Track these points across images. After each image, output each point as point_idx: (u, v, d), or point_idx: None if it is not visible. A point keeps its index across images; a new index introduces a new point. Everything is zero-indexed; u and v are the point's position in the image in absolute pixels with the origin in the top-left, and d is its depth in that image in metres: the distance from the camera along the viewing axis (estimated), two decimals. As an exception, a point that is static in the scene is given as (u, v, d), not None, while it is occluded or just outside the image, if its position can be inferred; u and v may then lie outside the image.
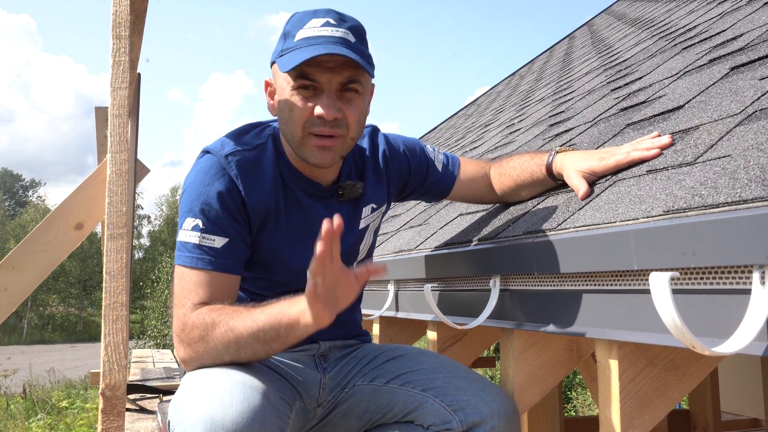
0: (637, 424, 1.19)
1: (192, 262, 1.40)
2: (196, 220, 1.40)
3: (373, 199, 1.63)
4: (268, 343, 1.31)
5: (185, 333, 1.34)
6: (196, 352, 1.34)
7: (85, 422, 8.91)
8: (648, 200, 1.17)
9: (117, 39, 1.90)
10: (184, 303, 1.38)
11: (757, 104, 1.33)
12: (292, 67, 1.34)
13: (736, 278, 0.92)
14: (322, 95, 1.38)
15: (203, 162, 1.44)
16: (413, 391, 1.50)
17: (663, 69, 2.44)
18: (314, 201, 1.53)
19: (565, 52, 7.12)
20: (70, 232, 2.41)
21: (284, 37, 1.42)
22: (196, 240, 1.40)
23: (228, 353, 1.32)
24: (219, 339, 1.32)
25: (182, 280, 1.40)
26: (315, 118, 1.38)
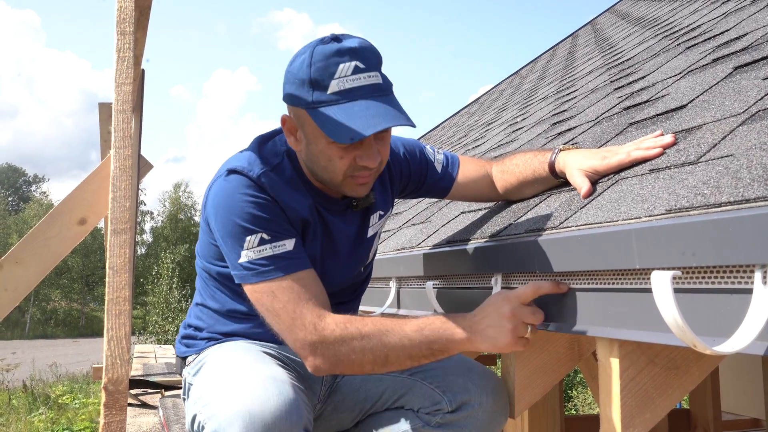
0: (637, 422, 1.20)
1: (279, 273, 1.38)
2: (258, 235, 1.38)
3: (380, 207, 1.66)
4: (417, 359, 1.35)
5: (326, 346, 1.33)
6: (339, 363, 1.34)
7: (86, 417, 8.94)
8: (650, 199, 1.17)
9: (121, 35, 1.91)
10: (302, 314, 1.35)
11: (761, 104, 1.33)
12: (350, 141, 1.30)
13: (738, 278, 0.92)
14: (361, 146, 1.38)
15: (236, 182, 1.42)
16: (401, 376, 1.54)
17: (666, 68, 2.44)
18: (333, 216, 1.55)
19: (568, 51, 7.12)
20: (74, 227, 2.42)
21: (311, 85, 1.34)
22: (270, 252, 1.38)
23: (375, 363, 1.34)
24: (370, 353, 1.33)
25: (277, 297, 1.37)
26: (357, 166, 1.40)
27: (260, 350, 1.49)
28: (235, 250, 1.40)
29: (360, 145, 1.38)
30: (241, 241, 1.38)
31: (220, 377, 1.34)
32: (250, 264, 1.38)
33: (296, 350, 1.37)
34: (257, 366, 1.34)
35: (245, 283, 1.41)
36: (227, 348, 1.52)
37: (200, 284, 1.67)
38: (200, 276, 1.66)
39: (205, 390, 1.35)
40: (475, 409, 1.49)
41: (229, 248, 1.42)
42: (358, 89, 1.33)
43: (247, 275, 1.40)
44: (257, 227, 1.38)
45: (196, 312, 1.68)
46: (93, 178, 2.45)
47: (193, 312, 1.69)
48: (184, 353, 1.66)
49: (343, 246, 1.57)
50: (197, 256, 1.66)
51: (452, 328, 1.34)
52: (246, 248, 1.38)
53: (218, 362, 1.45)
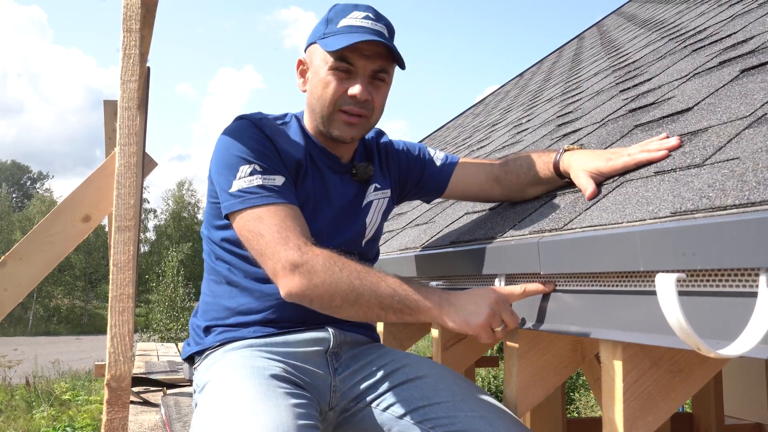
0: (640, 425, 1.19)
1: (267, 200, 1.44)
2: (251, 165, 1.47)
3: (377, 180, 1.73)
4: (386, 310, 1.35)
5: (307, 265, 1.34)
6: (314, 288, 1.34)
7: (88, 414, 8.95)
8: (655, 201, 1.17)
9: (127, 32, 1.91)
10: (287, 235, 1.38)
11: (767, 107, 1.32)
12: (335, 48, 1.48)
13: (743, 281, 0.91)
14: (356, 78, 1.53)
15: (239, 123, 1.56)
16: (424, 426, 1.47)
17: (672, 70, 2.43)
18: (332, 173, 1.64)
19: (574, 53, 7.11)
20: (78, 224, 2.42)
21: (326, 22, 1.56)
22: (260, 181, 1.46)
23: (346, 300, 1.34)
24: (345, 282, 1.33)
25: (263, 220, 1.41)
26: (347, 97, 1.53)
27: (266, 374, 1.40)
28: (228, 180, 1.47)
29: (356, 77, 1.53)
30: (234, 170, 1.47)
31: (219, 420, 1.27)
32: (240, 192, 1.45)
33: (274, 271, 1.37)
34: (259, 408, 1.25)
35: (233, 212, 1.45)
36: (230, 370, 1.43)
37: (207, 268, 1.68)
38: (206, 258, 1.68)
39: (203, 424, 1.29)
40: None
41: (222, 179, 1.48)
42: (364, 27, 1.52)
43: (235, 203, 1.45)
44: (251, 158, 1.48)
45: (203, 298, 1.68)
46: (97, 175, 2.45)
47: (200, 302, 1.70)
48: (188, 352, 1.64)
49: (337, 200, 1.63)
50: (204, 236, 1.69)
51: (428, 292, 1.36)
52: (238, 177, 1.46)
53: (220, 392, 1.37)
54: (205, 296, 1.67)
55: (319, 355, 1.56)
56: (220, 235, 1.60)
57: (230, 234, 1.55)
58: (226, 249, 1.59)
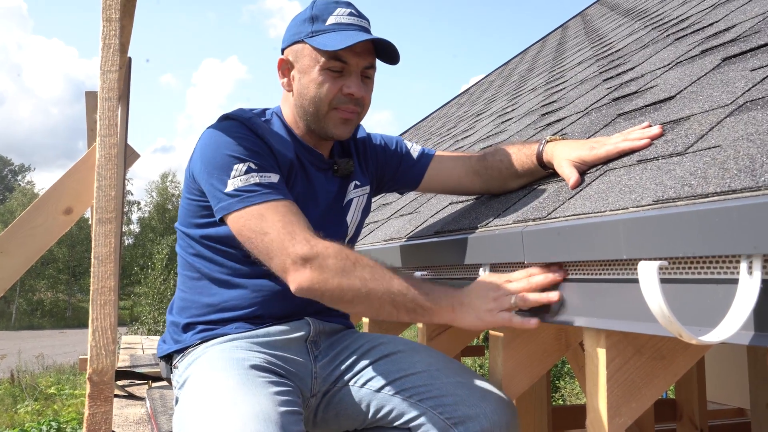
0: (624, 412, 1.20)
1: (267, 197, 1.40)
2: (246, 163, 1.44)
3: (357, 177, 1.73)
4: (398, 308, 1.33)
5: (319, 258, 1.31)
6: (325, 282, 1.31)
7: (73, 408, 8.90)
8: (638, 190, 1.18)
9: (107, 21, 1.88)
10: (294, 230, 1.35)
11: (748, 95, 1.33)
12: (337, 48, 1.46)
13: (724, 268, 0.92)
14: (350, 76, 1.53)
15: (228, 123, 1.52)
16: (410, 400, 1.48)
17: (655, 59, 2.44)
18: (316, 171, 1.64)
19: (558, 42, 7.12)
20: (59, 216, 2.39)
21: (312, 20, 1.53)
22: (257, 179, 1.42)
23: (358, 295, 1.32)
24: (357, 276, 1.31)
25: (266, 217, 1.37)
26: (342, 96, 1.53)
27: (246, 364, 1.41)
28: (222, 180, 1.42)
29: (348, 75, 1.52)
30: (228, 170, 1.43)
31: (199, 411, 1.28)
32: (236, 191, 1.41)
33: (283, 266, 1.34)
34: (239, 397, 1.27)
35: (230, 212, 1.41)
36: (210, 364, 1.44)
37: (181, 264, 1.65)
38: (181, 252, 1.64)
39: (185, 420, 1.30)
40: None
41: (215, 180, 1.43)
42: (353, 25, 1.53)
43: (232, 203, 1.40)
44: (246, 156, 1.44)
45: (178, 295, 1.66)
46: (79, 167, 2.42)
47: (175, 298, 1.67)
48: (166, 351, 1.62)
49: (322, 198, 1.63)
50: (178, 230, 1.65)
51: (440, 293, 1.36)
52: (233, 176, 1.42)
53: (200, 385, 1.38)
54: (181, 292, 1.64)
55: (299, 343, 1.58)
56: (200, 233, 1.56)
57: (213, 231, 1.53)
58: (207, 246, 1.57)
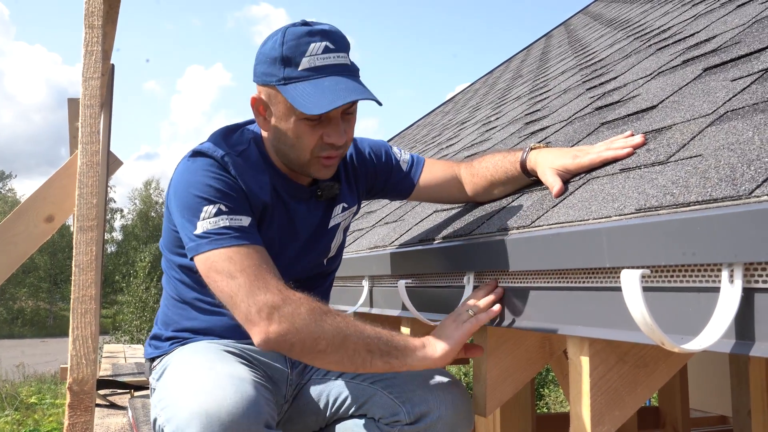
0: (607, 420, 1.20)
1: (236, 241, 1.35)
2: (216, 205, 1.38)
3: (345, 199, 1.67)
4: (373, 354, 1.30)
5: (289, 308, 1.26)
6: (297, 332, 1.26)
7: (54, 418, 8.79)
8: (621, 198, 1.18)
9: (90, 28, 1.87)
10: (264, 277, 1.30)
11: (729, 105, 1.35)
12: (312, 114, 1.34)
13: (706, 276, 0.93)
14: (329, 123, 1.42)
15: (201, 162, 1.43)
16: (363, 384, 1.53)
17: (638, 69, 2.46)
18: (296, 202, 1.56)
19: (542, 51, 7.17)
20: (41, 224, 2.36)
21: (283, 62, 1.39)
22: (226, 222, 1.37)
23: (331, 343, 1.27)
24: (330, 324, 1.27)
25: (235, 261, 1.32)
26: (324, 144, 1.43)
27: (222, 349, 1.47)
28: (192, 221, 1.38)
29: (328, 122, 1.42)
30: (197, 211, 1.37)
31: (178, 379, 1.32)
32: (206, 233, 1.36)
33: (249, 316, 1.28)
34: (216, 365, 1.31)
35: (198, 253, 1.36)
36: (189, 349, 1.50)
37: (165, 280, 1.66)
38: (165, 272, 1.65)
39: (164, 393, 1.33)
40: (434, 421, 1.47)
41: (186, 221, 1.39)
42: (328, 67, 1.38)
43: (201, 244, 1.36)
44: (216, 198, 1.38)
45: (162, 309, 1.67)
46: (61, 175, 2.40)
47: (160, 311, 1.68)
48: (150, 354, 1.65)
49: (303, 231, 1.58)
50: (162, 250, 1.65)
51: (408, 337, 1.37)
52: (202, 218, 1.37)
53: (178, 364, 1.43)
54: (165, 308, 1.65)
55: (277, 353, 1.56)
56: (180, 261, 1.55)
57: (191, 263, 1.48)
58: (186, 274, 1.56)
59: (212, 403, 1.18)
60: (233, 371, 1.27)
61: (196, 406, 1.18)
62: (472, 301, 1.41)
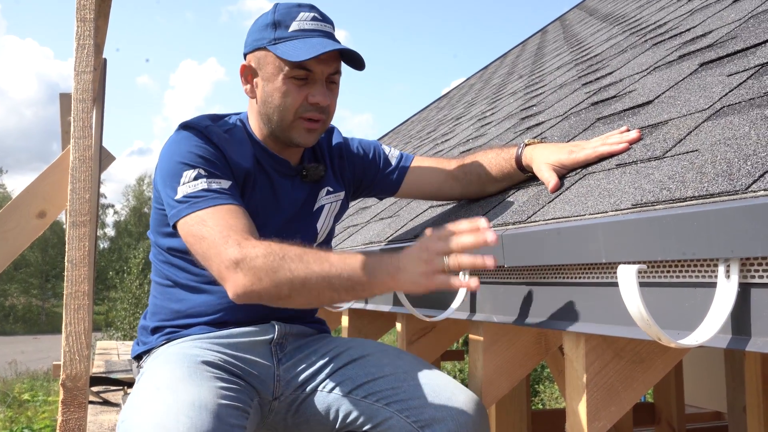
0: (603, 415, 1.20)
1: (211, 202, 1.39)
2: (196, 170, 1.43)
3: (329, 183, 1.70)
4: (337, 291, 1.28)
5: (247, 260, 1.28)
6: (258, 282, 1.27)
7: (47, 415, 8.77)
8: (617, 194, 1.18)
9: (81, 22, 1.85)
10: (228, 234, 1.33)
11: (725, 100, 1.34)
12: (303, 59, 1.42)
13: (702, 271, 0.92)
14: (315, 84, 1.49)
15: (184, 133, 1.50)
16: (378, 404, 1.48)
17: (633, 64, 2.46)
18: (281, 177, 1.60)
19: (537, 47, 7.17)
20: (32, 220, 2.35)
21: (274, 26, 1.49)
22: (205, 185, 1.42)
23: (293, 288, 1.27)
24: (288, 272, 1.27)
25: (206, 223, 1.36)
26: (307, 104, 1.50)
27: (198, 360, 1.43)
28: (173, 187, 1.42)
29: (313, 83, 1.49)
30: (178, 176, 1.43)
31: (141, 399, 1.31)
32: (185, 197, 1.41)
33: (219, 273, 1.32)
34: (180, 387, 1.29)
35: (179, 219, 1.40)
36: (165, 358, 1.46)
37: (154, 271, 1.66)
38: (153, 260, 1.65)
39: (128, 410, 1.32)
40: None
41: (168, 188, 1.44)
42: (316, 30, 1.50)
43: (181, 209, 1.41)
44: (196, 163, 1.44)
45: (150, 302, 1.66)
46: (53, 170, 2.38)
47: (149, 304, 1.68)
48: (136, 352, 1.63)
49: (287, 206, 1.60)
50: (150, 239, 1.65)
51: (375, 263, 1.27)
52: (183, 183, 1.42)
53: (149, 377, 1.41)
54: (153, 298, 1.65)
55: (263, 345, 1.56)
56: (167, 243, 1.56)
57: (177, 243, 1.52)
58: (173, 254, 1.57)
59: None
60: (195, 397, 1.25)
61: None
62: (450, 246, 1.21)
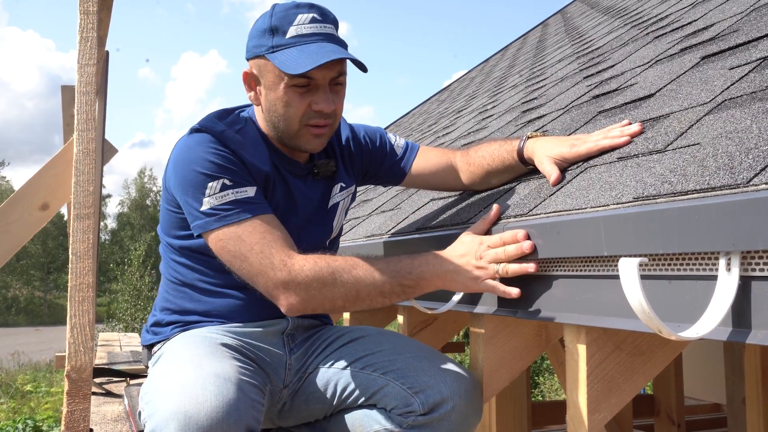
0: (603, 407, 1.21)
1: (244, 215, 1.40)
2: (220, 181, 1.42)
3: (342, 179, 1.71)
4: (388, 296, 1.38)
5: (298, 281, 1.35)
6: (312, 300, 1.37)
7: (50, 406, 8.80)
8: (618, 187, 1.18)
9: (84, 14, 1.85)
10: (271, 254, 1.37)
11: (727, 93, 1.35)
12: (298, 73, 1.39)
13: (703, 264, 0.93)
14: (317, 91, 1.46)
15: (199, 138, 1.47)
16: (374, 374, 1.51)
17: (635, 57, 2.46)
18: (294, 178, 1.60)
19: (538, 40, 7.15)
20: (35, 212, 2.36)
21: (272, 32, 1.45)
22: (232, 197, 1.41)
23: (347, 299, 1.37)
24: (341, 287, 1.36)
25: (244, 240, 1.39)
26: (312, 112, 1.47)
27: (217, 342, 1.46)
28: (197, 198, 1.42)
29: (316, 90, 1.46)
30: (202, 188, 1.41)
31: (165, 373, 1.32)
32: (213, 210, 1.40)
33: (268, 292, 1.39)
34: (204, 362, 1.30)
35: (208, 231, 1.42)
36: (183, 340, 1.49)
37: (164, 266, 1.66)
38: (164, 256, 1.65)
39: (150, 386, 1.33)
40: (448, 411, 1.44)
41: (190, 198, 1.43)
42: (315, 34, 1.45)
43: (209, 222, 1.41)
44: (219, 173, 1.42)
45: (162, 296, 1.66)
46: (55, 163, 2.39)
47: (159, 298, 1.68)
48: (149, 341, 1.64)
49: (304, 208, 1.61)
50: (160, 235, 1.65)
51: (422, 263, 1.38)
52: (208, 195, 1.41)
53: (170, 355, 1.43)
54: (165, 293, 1.65)
55: (276, 335, 1.60)
56: (181, 244, 1.57)
57: (192, 243, 1.53)
58: (187, 256, 1.58)
59: (192, 404, 1.17)
60: (219, 370, 1.27)
61: (175, 406, 1.18)
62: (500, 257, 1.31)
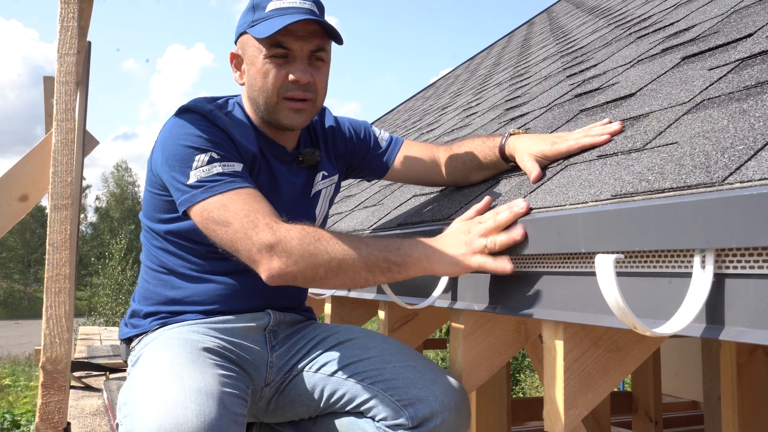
0: (580, 403, 1.22)
1: (229, 186, 1.38)
2: (207, 153, 1.41)
3: (325, 168, 1.71)
4: (373, 272, 1.31)
5: (282, 244, 1.29)
6: (294, 264, 1.29)
7: (29, 400, 8.72)
8: (597, 184, 1.19)
9: (65, 4, 1.83)
10: (256, 218, 1.32)
11: (705, 93, 1.36)
12: (269, 34, 1.43)
13: (678, 262, 0.94)
14: (295, 62, 1.48)
15: (188, 116, 1.48)
16: (362, 383, 1.49)
17: (617, 57, 2.47)
18: (279, 163, 1.60)
19: (523, 38, 7.18)
20: (14, 203, 2.33)
21: (253, 9, 1.50)
22: (220, 169, 1.40)
23: (329, 269, 1.30)
24: (325, 254, 1.29)
25: (229, 208, 1.35)
26: (289, 83, 1.49)
27: (198, 346, 1.42)
28: (184, 172, 1.40)
29: (293, 61, 1.48)
30: (189, 161, 1.40)
31: (144, 384, 1.29)
32: (199, 182, 1.38)
33: (250, 257, 1.32)
34: (185, 372, 1.28)
35: (194, 203, 1.38)
36: (164, 343, 1.45)
37: (145, 255, 1.64)
38: (145, 243, 1.64)
39: (129, 396, 1.30)
40: (437, 426, 1.42)
41: (177, 173, 1.41)
42: (293, 8, 1.47)
43: (196, 194, 1.38)
44: (207, 147, 1.42)
45: (141, 285, 1.64)
46: (35, 153, 2.36)
47: (138, 288, 1.66)
48: (127, 334, 1.62)
49: (287, 193, 1.61)
50: (142, 221, 1.64)
51: (411, 245, 1.32)
52: (195, 167, 1.39)
53: (150, 361, 1.39)
54: (145, 282, 1.63)
55: (258, 332, 1.58)
56: (164, 228, 1.55)
57: (177, 227, 1.52)
58: (170, 241, 1.56)
59: (172, 424, 1.15)
60: (201, 384, 1.24)
61: (155, 424, 1.16)
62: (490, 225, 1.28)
